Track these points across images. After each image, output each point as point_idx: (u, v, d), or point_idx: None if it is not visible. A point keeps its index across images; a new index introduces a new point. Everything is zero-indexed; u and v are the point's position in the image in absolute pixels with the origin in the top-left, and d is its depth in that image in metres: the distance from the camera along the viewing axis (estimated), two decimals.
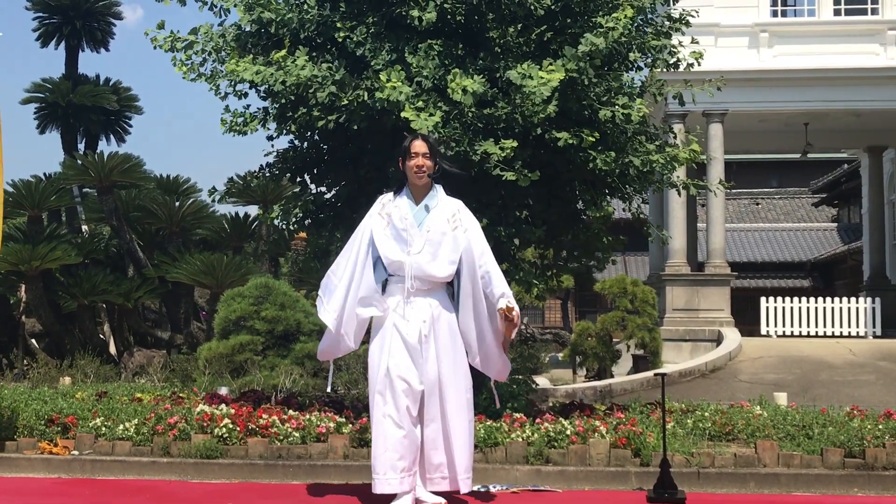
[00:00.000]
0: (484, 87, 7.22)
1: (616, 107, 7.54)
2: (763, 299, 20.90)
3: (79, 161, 15.61)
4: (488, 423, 6.93)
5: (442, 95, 7.38)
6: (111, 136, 19.38)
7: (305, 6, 7.84)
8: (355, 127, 7.55)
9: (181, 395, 8.53)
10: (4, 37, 7.52)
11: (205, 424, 7.01)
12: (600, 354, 17.34)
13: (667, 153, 8.07)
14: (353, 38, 7.64)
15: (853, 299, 20.72)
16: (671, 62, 8.40)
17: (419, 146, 5.70)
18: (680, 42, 8.43)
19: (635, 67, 8.36)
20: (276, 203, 10.61)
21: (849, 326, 20.31)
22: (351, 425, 7.05)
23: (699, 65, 8.20)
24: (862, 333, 20.15)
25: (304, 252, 9.19)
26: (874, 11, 20.06)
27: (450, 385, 5.56)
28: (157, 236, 16.18)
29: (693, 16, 8.62)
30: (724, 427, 7.39)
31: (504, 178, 7.24)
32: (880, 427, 7.04)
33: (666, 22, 8.50)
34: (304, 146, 8.49)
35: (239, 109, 8.10)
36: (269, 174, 8.67)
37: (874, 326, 20.20)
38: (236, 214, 16.56)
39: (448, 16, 7.60)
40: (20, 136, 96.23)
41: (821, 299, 20.86)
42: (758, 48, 19.91)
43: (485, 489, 6.21)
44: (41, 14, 18.79)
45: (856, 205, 34.56)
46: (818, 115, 20.54)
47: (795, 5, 21.25)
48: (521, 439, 6.79)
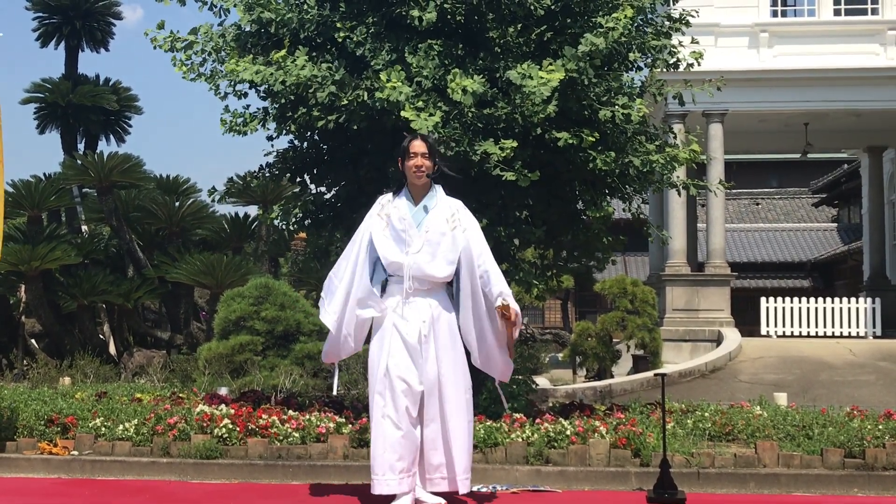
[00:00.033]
0: (484, 87, 7.21)
1: (616, 107, 7.54)
2: (763, 299, 20.90)
3: (78, 161, 15.61)
4: (488, 424, 6.92)
5: (442, 95, 7.38)
6: (111, 137, 19.38)
7: (305, 6, 7.83)
8: (355, 127, 7.55)
9: (181, 396, 8.53)
10: (4, 37, 7.53)
11: (204, 425, 7.00)
12: (600, 355, 17.34)
13: (667, 153, 8.06)
14: (353, 38, 7.63)
15: (853, 299, 20.72)
16: (671, 62, 8.40)
17: (418, 146, 5.69)
18: (680, 42, 8.43)
19: (635, 67, 8.36)
20: (276, 203, 10.61)
21: (849, 327, 20.31)
22: (351, 425, 7.04)
23: (699, 65, 8.20)
24: (862, 334, 20.15)
25: (304, 252, 9.18)
26: (874, 11, 20.07)
27: (449, 385, 5.55)
28: (157, 236, 16.18)
29: (693, 16, 8.62)
30: (724, 427, 7.39)
31: (504, 178, 7.24)
32: (880, 427, 7.03)
33: (666, 22, 8.49)
34: (304, 146, 8.49)
35: (239, 110, 8.10)
36: (269, 174, 8.66)
37: (874, 327, 20.19)
38: (236, 214, 16.59)
39: (448, 16, 7.60)
40: (20, 136, 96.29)
41: (821, 299, 20.85)
42: (758, 48, 19.91)
43: (485, 489, 6.21)
44: (41, 14, 18.77)
45: (856, 205, 34.56)
46: (818, 115, 20.54)
47: (795, 5, 21.25)
48: (521, 439, 6.78)
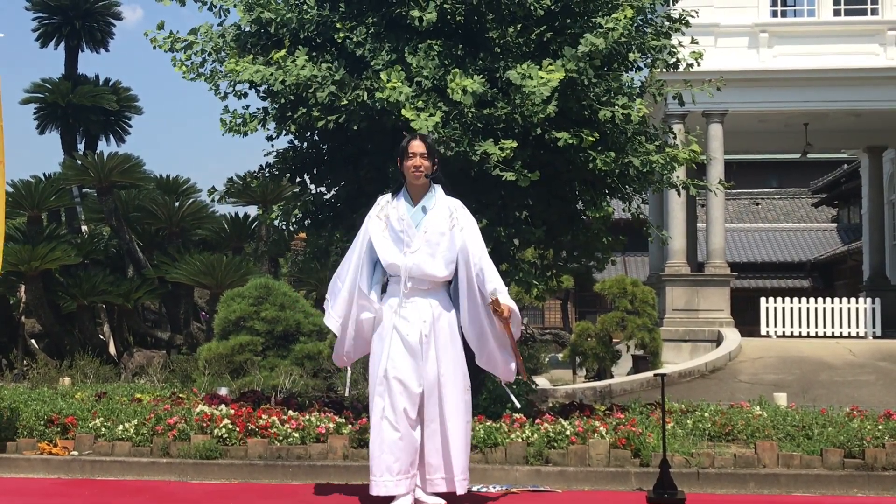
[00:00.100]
0: (484, 88, 7.21)
1: (616, 107, 7.54)
2: (763, 300, 20.90)
3: (78, 161, 15.61)
4: (488, 424, 6.92)
5: (442, 95, 7.38)
6: (111, 137, 19.37)
7: (305, 6, 7.83)
8: (355, 127, 7.55)
9: (181, 396, 8.53)
10: (4, 37, 7.48)
11: (204, 425, 7.00)
12: (600, 355, 17.35)
13: (667, 153, 8.06)
14: (353, 39, 7.63)
15: (853, 300, 20.72)
16: (671, 62, 8.40)
17: (417, 146, 5.67)
18: (680, 42, 8.43)
19: (635, 68, 8.37)
20: (276, 203, 10.62)
21: (849, 327, 20.31)
22: (350, 426, 7.04)
23: (699, 65, 8.20)
24: (862, 334, 20.15)
25: (304, 252, 9.17)
26: (874, 12, 20.07)
27: (449, 385, 5.53)
28: (157, 237, 16.18)
29: (693, 16, 8.62)
30: (724, 427, 7.39)
31: (504, 179, 7.23)
32: (880, 427, 7.03)
33: (666, 22, 8.49)
34: (304, 146, 8.48)
35: (238, 110, 8.10)
36: (269, 174, 8.66)
37: (874, 327, 20.19)
38: (236, 215, 16.60)
39: (448, 16, 7.59)
40: (20, 137, 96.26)
41: (821, 300, 20.86)
42: (758, 48, 19.91)
43: (484, 489, 6.21)
44: (41, 14, 18.76)
45: (856, 205, 34.55)
46: (818, 116, 20.54)
47: (795, 5, 21.26)
48: (521, 440, 6.78)
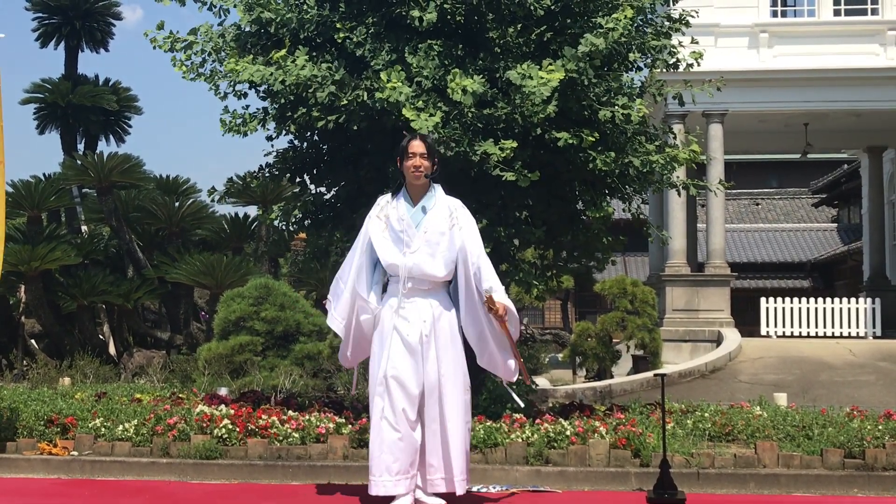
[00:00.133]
0: (484, 88, 7.21)
1: (616, 107, 7.53)
2: (763, 300, 20.90)
3: (78, 161, 15.61)
4: (488, 424, 6.92)
5: (442, 95, 7.37)
6: (111, 137, 19.38)
7: (305, 6, 7.83)
8: (355, 127, 7.54)
9: (181, 396, 8.52)
10: (4, 37, 7.46)
11: (204, 425, 7.00)
12: (600, 355, 17.34)
13: (666, 153, 8.06)
14: (353, 39, 7.63)
15: (853, 300, 20.72)
16: (671, 62, 8.40)
17: (417, 146, 5.66)
18: (680, 42, 8.43)
19: (635, 68, 8.36)
20: (276, 203, 10.62)
21: (849, 327, 20.31)
22: (350, 426, 7.04)
23: (699, 65, 8.20)
24: (862, 334, 20.15)
25: (304, 253, 9.17)
26: (874, 12, 20.07)
27: (449, 385, 5.52)
28: (157, 237, 16.18)
29: (693, 16, 8.62)
30: (724, 428, 7.38)
31: (504, 179, 7.23)
32: (880, 428, 7.03)
33: (666, 22, 8.49)
34: (304, 146, 8.48)
35: (238, 110, 8.09)
36: (269, 174, 8.65)
37: (874, 327, 20.19)
38: (236, 215, 16.60)
39: (448, 16, 7.59)
40: (20, 137, 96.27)
41: (821, 300, 20.86)
42: (758, 48, 19.91)
43: (484, 490, 6.20)
44: (41, 14, 18.77)
45: (856, 205, 34.56)
46: (818, 116, 20.54)
47: (795, 5, 21.26)
48: (521, 440, 6.78)
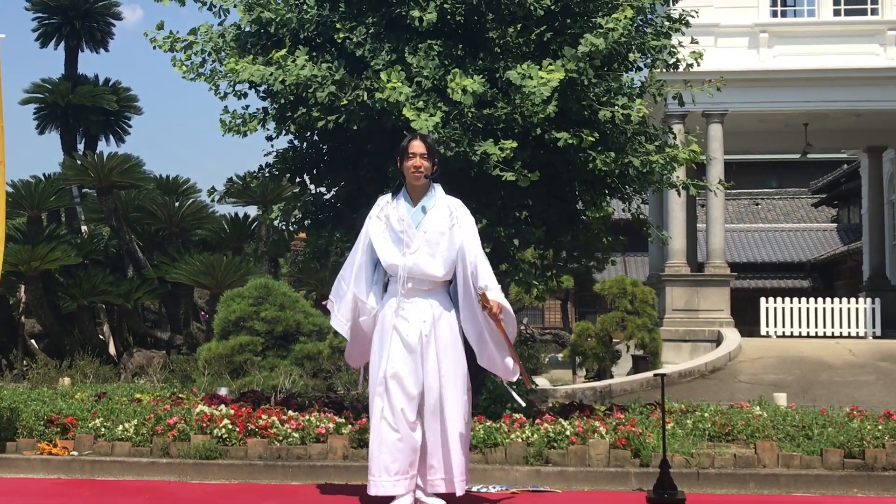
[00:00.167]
0: (484, 88, 7.21)
1: (616, 107, 7.54)
2: (763, 300, 20.90)
3: (78, 161, 15.61)
4: (488, 424, 6.92)
5: (442, 95, 7.37)
6: (111, 137, 19.37)
7: (305, 6, 7.83)
8: (355, 127, 7.55)
9: (181, 396, 8.52)
10: (4, 37, 7.43)
11: (204, 425, 7.00)
12: (600, 355, 17.33)
13: (666, 153, 8.06)
14: (353, 39, 7.63)
15: (853, 300, 20.72)
16: (671, 62, 8.40)
17: (417, 146, 5.66)
18: (680, 42, 8.43)
19: (635, 68, 8.37)
20: (276, 203, 10.62)
21: (848, 327, 20.31)
22: (350, 426, 7.04)
23: (699, 65, 8.20)
24: (862, 334, 20.15)
25: (304, 253, 9.17)
26: (874, 12, 20.07)
27: (449, 385, 5.52)
28: (157, 237, 16.17)
29: (693, 16, 8.62)
30: (724, 428, 7.39)
31: (504, 179, 7.23)
32: (880, 428, 7.03)
33: (666, 22, 8.49)
34: (304, 146, 8.48)
35: (238, 110, 8.10)
36: (269, 174, 8.66)
37: (874, 327, 20.19)
38: (236, 215, 16.59)
39: (448, 16, 7.59)
40: (20, 137, 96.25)
41: (820, 300, 20.85)
42: (758, 48, 19.91)
43: (484, 490, 6.20)
44: (41, 14, 18.76)
45: (856, 205, 34.55)
46: (818, 116, 20.53)
47: (795, 5, 21.26)
48: (521, 440, 6.78)
